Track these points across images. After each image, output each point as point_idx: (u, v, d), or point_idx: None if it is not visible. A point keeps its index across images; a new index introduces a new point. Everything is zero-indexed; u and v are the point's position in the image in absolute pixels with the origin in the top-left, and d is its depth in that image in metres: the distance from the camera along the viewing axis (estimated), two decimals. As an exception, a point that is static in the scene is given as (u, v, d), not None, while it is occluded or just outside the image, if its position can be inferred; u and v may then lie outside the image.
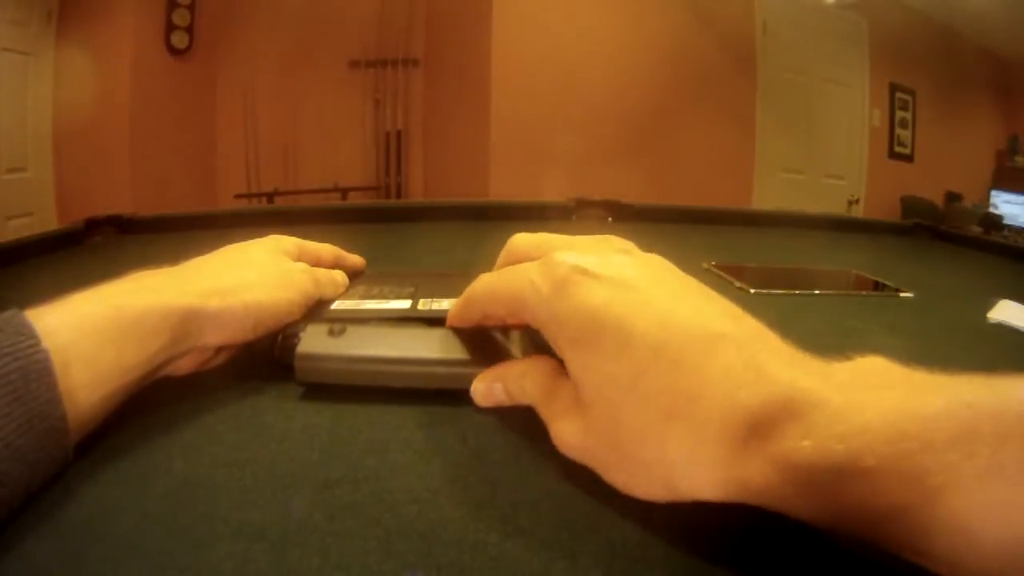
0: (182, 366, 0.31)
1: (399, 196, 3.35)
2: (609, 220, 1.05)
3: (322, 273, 0.38)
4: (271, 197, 3.15)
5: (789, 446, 0.18)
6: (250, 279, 0.32)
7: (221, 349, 0.32)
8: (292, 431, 0.27)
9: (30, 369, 0.21)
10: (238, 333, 0.31)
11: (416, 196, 3.37)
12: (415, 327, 0.31)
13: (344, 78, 3.32)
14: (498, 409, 0.28)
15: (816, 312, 0.56)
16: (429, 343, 0.30)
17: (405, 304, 0.35)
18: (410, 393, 0.29)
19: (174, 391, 0.30)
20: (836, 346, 0.21)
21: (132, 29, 2.74)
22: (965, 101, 4.27)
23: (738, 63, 3.39)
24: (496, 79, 2.81)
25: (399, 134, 3.38)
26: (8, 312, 0.23)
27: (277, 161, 3.27)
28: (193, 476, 0.24)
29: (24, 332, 0.22)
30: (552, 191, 1.80)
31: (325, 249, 0.41)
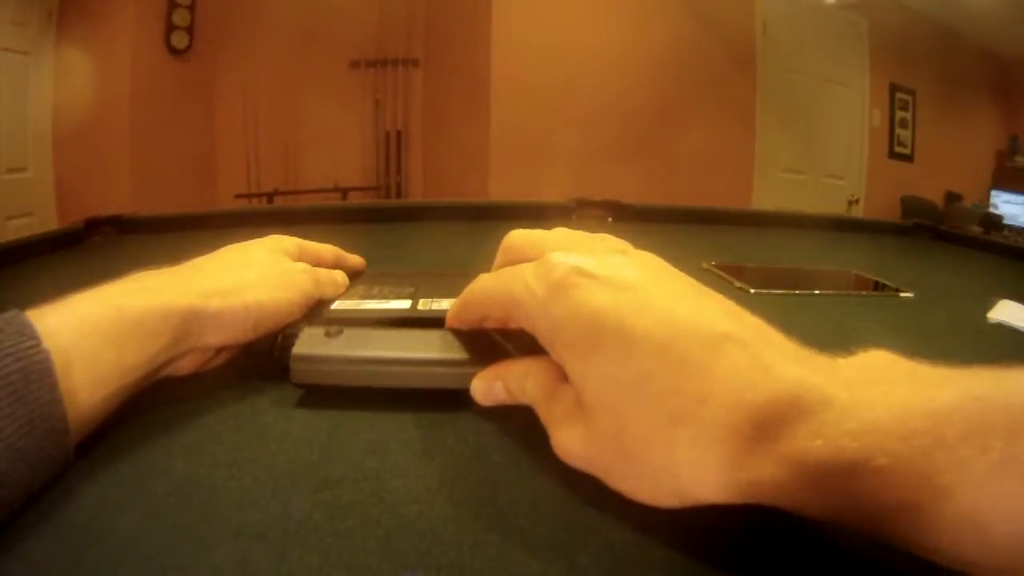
0: (183, 366, 0.31)
1: (399, 196, 3.34)
2: (609, 220, 1.05)
3: (322, 273, 0.38)
4: (271, 197, 3.15)
5: (800, 445, 0.17)
6: (250, 279, 0.32)
7: (221, 349, 0.32)
8: (292, 431, 0.27)
9: (31, 370, 0.21)
10: (239, 333, 0.31)
11: (416, 196, 3.37)
12: (412, 328, 0.31)
13: (344, 78, 3.32)
14: (498, 409, 0.28)
15: (816, 312, 0.56)
16: (426, 344, 0.30)
17: (405, 304, 0.35)
18: (410, 394, 0.29)
19: (174, 391, 0.30)
20: (836, 346, 0.21)
21: (132, 29, 2.73)
22: (965, 101, 4.27)
23: (738, 63, 3.38)
24: (496, 79, 2.81)
25: (399, 134, 3.39)
26: (9, 313, 0.23)
27: (277, 161, 3.26)
28: (193, 476, 0.24)
29: (25, 333, 0.22)
30: (552, 191, 1.79)
31: (325, 249, 0.41)
